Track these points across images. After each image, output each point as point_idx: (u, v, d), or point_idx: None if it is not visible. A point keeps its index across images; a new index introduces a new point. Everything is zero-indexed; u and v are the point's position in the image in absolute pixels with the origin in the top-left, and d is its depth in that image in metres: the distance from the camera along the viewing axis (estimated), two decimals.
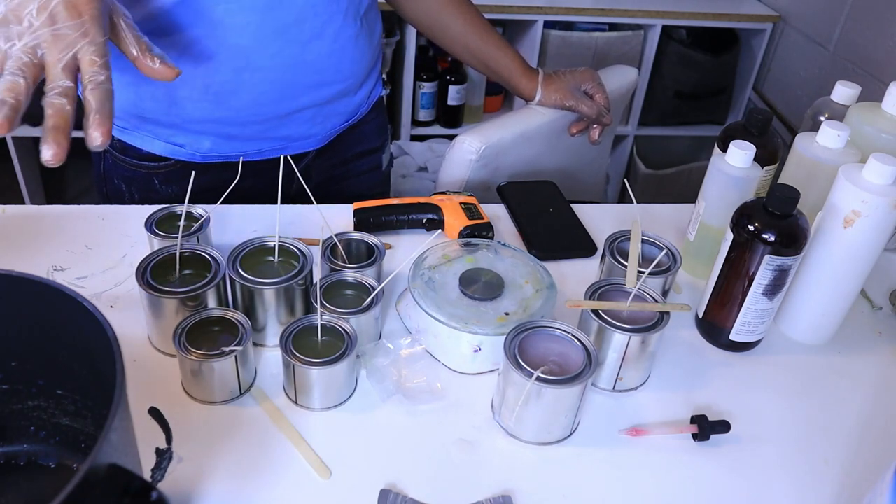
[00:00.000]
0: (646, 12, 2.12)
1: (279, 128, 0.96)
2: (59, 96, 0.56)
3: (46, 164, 0.55)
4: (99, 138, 0.57)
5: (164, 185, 0.99)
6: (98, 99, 0.57)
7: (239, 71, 0.87)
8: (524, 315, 0.73)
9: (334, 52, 0.93)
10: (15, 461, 0.58)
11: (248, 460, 0.63)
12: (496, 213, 0.99)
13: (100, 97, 0.57)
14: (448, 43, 1.16)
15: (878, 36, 1.78)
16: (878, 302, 0.89)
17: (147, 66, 0.63)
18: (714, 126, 2.39)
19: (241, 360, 0.66)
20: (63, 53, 0.57)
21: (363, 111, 1.08)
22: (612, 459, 0.66)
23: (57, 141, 0.55)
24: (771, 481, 0.66)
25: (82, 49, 0.58)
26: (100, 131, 0.56)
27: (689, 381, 0.75)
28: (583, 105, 1.16)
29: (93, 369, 0.48)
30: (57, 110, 0.55)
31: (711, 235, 0.85)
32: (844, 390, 0.76)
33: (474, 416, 0.69)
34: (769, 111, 1.10)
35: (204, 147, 0.96)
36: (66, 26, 0.58)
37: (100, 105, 0.57)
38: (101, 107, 0.57)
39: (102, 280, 0.81)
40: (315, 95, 0.95)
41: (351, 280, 0.75)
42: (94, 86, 0.57)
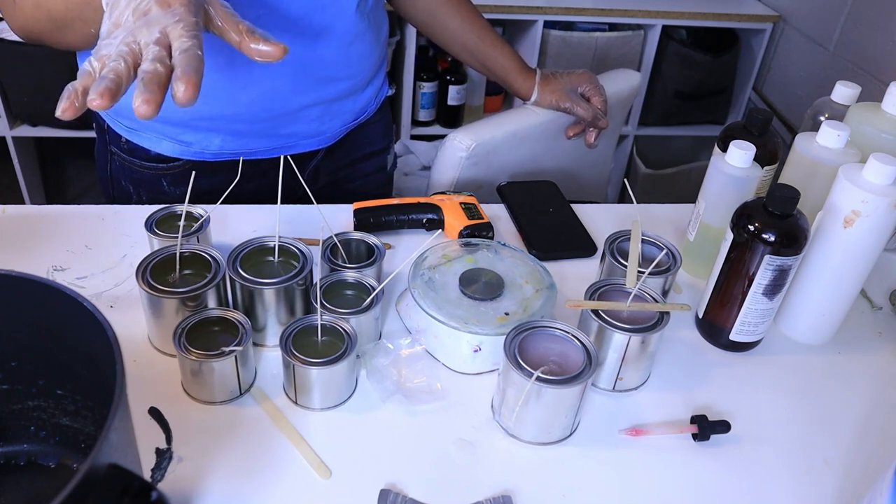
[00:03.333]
0: (646, 12, 2.12)
1: (288, 125, 0.97)
2: (151, 62, 0.56)
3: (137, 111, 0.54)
4: (182, 88, 0.55)
5: (172, 187, 0.99)
6: (184, 59, 0.56)
7: (247, 67, 0.87)
8: (524, 315, 0.73)
9: (342, 47, 0.93)
10: (15, 461, 0.58)
11: (248, 460, 0.63)
12: (496, 213, 0.99)
13: (186, 58, 0.56)
14: (446, 41, 1.17)
15: (878, 36, 1.78)
16: (878, 302, 0.89)
17: (251, 48, 0.62)
18: (714, 126, 2.39)
19: (241, 360, 0.66)
20: (153, 32, 0.58)
21: (371, 110, 1.08)
22: (612, 459, 0.66)
23: (150, 90, 0.54)
24: (771, 481, 0.66)
25: (171, 26, 0.58)
26: (183, 82, 0.55)
27: (689, 381, 0.75)
28: (578, 108, 1.16)
29: (93, 369, 0.48)
30: (148, 70, 0.55)
31: (711, 235, 0.85)
32: (844, 390, 0.76)
33: (474, 416, 0.69)
34: (769, 111, 1.10)
35: (213, 145, 0.96)
36: (157, 15, 0.58)
37: (185, 63, 0.56)
38: (187, 65, 0.56)
39: (102, 280, 0.81)
40: (323, 92, 0.96)
41: (351, 280, 0.75)
42: (180, 52, 0.57)
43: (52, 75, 1.89)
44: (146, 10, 0.59)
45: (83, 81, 0.56)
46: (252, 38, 0.61)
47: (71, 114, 0.55)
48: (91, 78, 0.56)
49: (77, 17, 0.70)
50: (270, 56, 0.62)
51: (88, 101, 0.54)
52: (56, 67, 1.85)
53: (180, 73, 0.55)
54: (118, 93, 0.54)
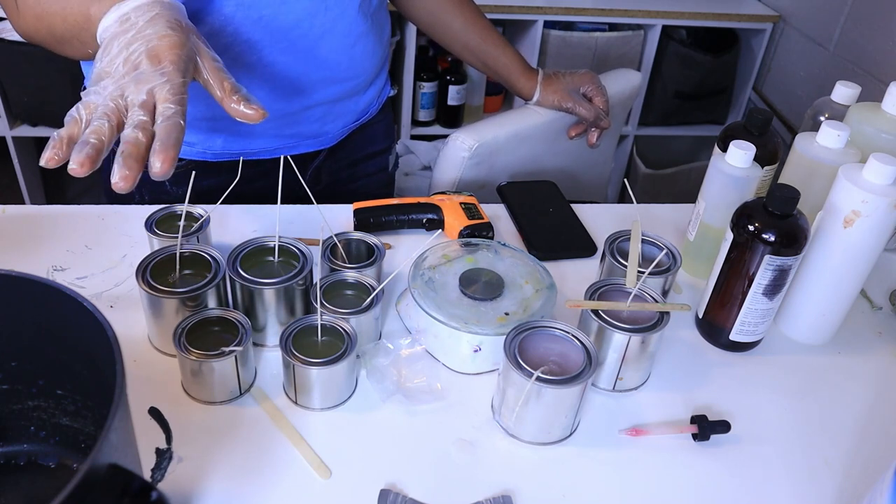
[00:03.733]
0: (646, 12, 2.12)
1: (291, 125, 0.97)
2: (133, 129, 0.57)
3: (114, 186, 0.56)
4: (157, 164, 0.57)
5: (174, 187, 0.99)
6: (164, 129, 0.58)
7: (251, 67, 0.87)
8: (524, 315, 0.73)
9: (345, 48, 0.93)
10: (15, 461, 0.58)
11: (248, 460, 0.63)
12: (496, 213, 0.99)
13: (166, 128, 0.58)
14: (448, 41, 1.17)
15: (878, 36, 1.78)
16: (878, 302, 0.89)
17: (232, 108, 0.64)
18: (714, 126, 2.39)
19: (241, 360, 0.66)
20: (140, 91, 0.59)
21: (373, 110, 1.08)
22: (612, 459, 0.66)
23: (128, 165, 0.56)
24: (771, 481, 0.66)
25: (158, 87, 0.59)
26: (159, 158, 0.57)
27: (689, 381, 0.75)
28: (581, 108, 1.16)
29: (93, 369, 0.48)
30: (129, 140, 0.57)
31: (711, 235, 0.85)
32: (844, 390, 0.76)
33: (474, 416, 0.69)
34: (769, 111, 1.10)
35: (216, 145, 0.96)
36: (147, 72, 0.60)
37: (165, 135, 0.58)
38: (167, 137, 0.58)
39: (102, 280, 0.81)
40: (326, 92, 0.96)
41: (351, 280, 0.75)
42: (163, 119, 0.58)
43: (52, 75, 1.89)
44: (137, 63, 0.60)
45: (69, 130, 0.57)
46: (233, 99, 0.64)
47: (54, 164, 0.57)
48: (77, 126, 0.58)
49: (75, 36, 0.71)
50: (249, 119, 0.64)
51: (69, 169, 0.56)
52: (56, 67, 1.85)
53: (158, 147, 0.57)
54: (98, 159, 0.56)
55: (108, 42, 0.63)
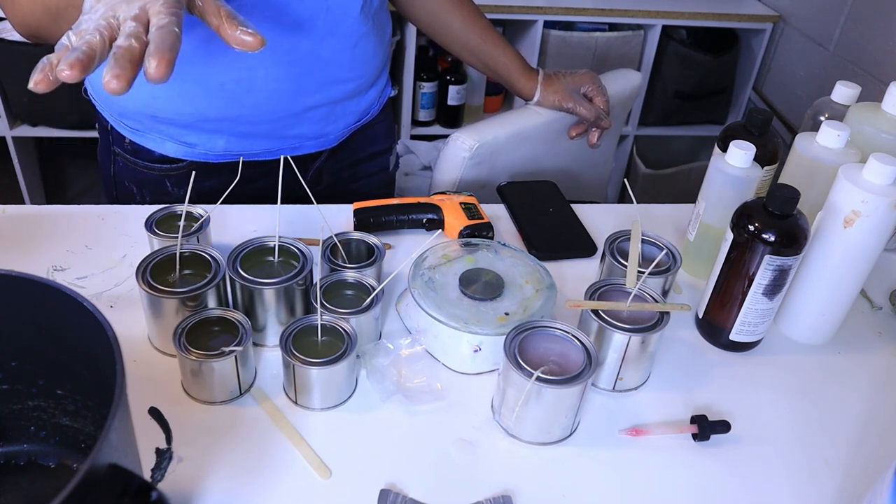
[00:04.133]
0: (646, 12, 2.12)
1: (292, 126, 0.97)
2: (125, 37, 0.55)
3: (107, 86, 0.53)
4: (153, 64, 0.53)
5: (176, 188, 0.99)
6: (159, 35, 0.55)
7: (253, 68, 0.87)
8: (524, 315, 0.73)
9: (347, 49, 0.93)
10: (15, 461, 0.58)
11: (248, 460, 0.63)
12: (496, 213, 0.99)
13: (161, 34, 0.55)
14: (448, 41, 1.17)
15: (878, 36, 1.78)
16: (878, 302, 0.89)
17: (229, 34, 0.60)
18: (714, 126, 2.39)
19: (241, 360, 0.66)
20: (132, 8, 0.57)
21: (374, 111, 1.08)
22: (612, 459, 0.66)
23: (120, 65, 0.53)
24: (771, 481, 0.66)
25: (151, 2, 0.57)
26: (155, 58, 0.53)
27: (689, 381, 0.75)
28: (581, 108, 1.16)
29: (93, 369, 0.48)
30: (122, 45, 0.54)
31: (711, 235, 0.85)
32: (844, 390, 0.76)
33: (474, 416, 0.69)
34: (769, 111, 1.10)
35: (218, 147, 0.96)
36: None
37: (160, 40, 0.55)
38: (161, 41, 0.55)
39: (102, 280, 0.81)
40: (328, 93, 0.96)
41: (351, 280, 0.75)
42: (156, 28, 0.56)
43: None
44: None
45: (59, 54, 0.55)
46: (231, 25, 0.60)
47: (44, 86, 0.54)
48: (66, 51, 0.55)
49: (69, 3, 0.70)
50: (248, 46, 0.60)
51: (58, 72, 0.52)
52: None
53: (153, 49, 0.54)
54: (90, 65, 0.53)
55: None
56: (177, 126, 0.93)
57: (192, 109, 0.90)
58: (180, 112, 0.91)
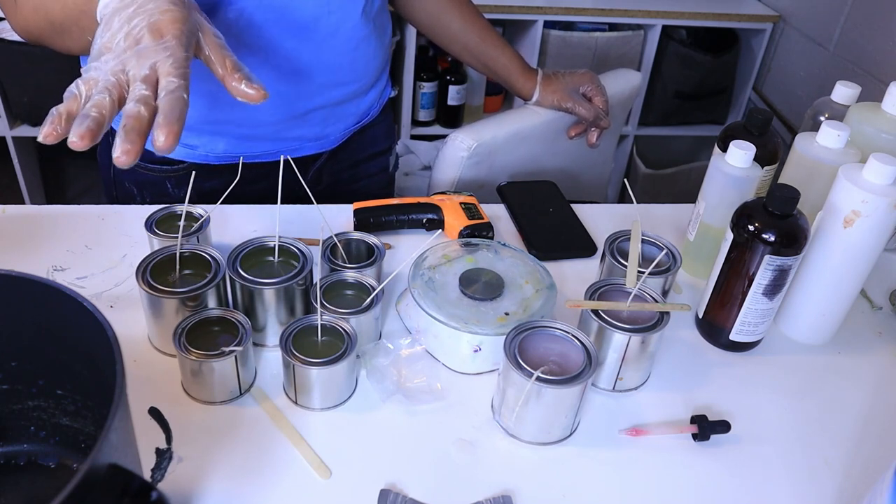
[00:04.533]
0: (646, 12, 2.12)
1: (293, 128, 0.96)
2: (135, 103, 0.56)
3: (116, 161, 0.55)
4: (161, 138, 0.55)
5: (176, 189, 0.99)
6: (168, 103, 0.56)
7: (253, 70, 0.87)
8: (524, 315, 0.73)
9: (348, 51, 0.93)
10: (15, 461, 0.58)
11: (248, 460, 0.63)
12: (496, 213, 0.99)
13: (169, 102, 0.57)
14: (447, 42, 1.17)
15: (878, 36, 1.78)
16: (878, 302, 0.89)
17: (233, 86, 0.63)
18: (714, 126, 2.39)
19: (241, 360, 0.66)
20: (143, 66, 0.58)
21: (374, 112, 1.08)
22: (612, 459, 0.66)
23: (129, 139, 0.55)
24: (771, 481, 0.66)
25: (161, 61, 0.58)
26: (163, 132, 0.55)
27: (689, 381, 0.75)
28: (580, 107, 1.16)
29: (93, 369, 0.48)
30: (131, 114, 0.55)
31: (711, 235, 0.85)
32: (844, 390, 0.76)
33: (474, 416, 0.69)
34: (769, 111, 1.10)
35: (218, 148, 0.95)
36: (149, 46, 0.58)
37: (168, 109, 0.56)
38: (170, 111, 0.56)
39: (102, 280, 0.81)
40: (329, 95, 0.96)
41: (351, 280, 0.75)
42: (165, 93, 0.57)
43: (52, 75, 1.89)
44: (138, 37, 0.59)
45: (68, 105, 0.56)
46: (235, 78, 0.62)
47: (53, 139, 0.55)
48: (76, 102, 0.56)
49: (74, 23, 0.70)
50: (250, 98, 0.62)
51: (69, 142, 0.54)
52: (56, 67, 1.85)
53: (162, 121, 0.56)
54: (99, 133, 0.55)
55: (109, 18, 0.61)
56: None
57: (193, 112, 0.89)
58: None
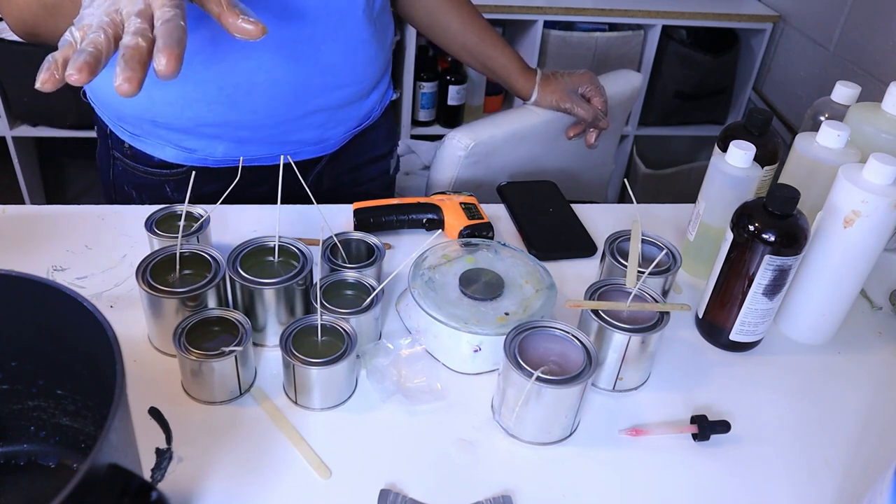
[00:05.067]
0: (646, 12, 2.12)
1: (293, 132, 0.96)
2: (132, 35, 0.55)
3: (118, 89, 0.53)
4: (163, 61, 0.54)
5: (176, 193, 0.99)
6: (165, 30, 0.55)
7: (252, 73, 0.87)
8: (524, 315, 0.73)
9: (347, 53, 0.92)
10: (15, 461, 0.58)
11: (248, 460, 0.63)
12: (496, 213, 0.99)
13: (167, 29, 0.55)
14: (446, 42, 1.17)
15: (878, 36, 1.78)
16: (878, 302, 0.89)
17: (230, 22, 0.60)
18: (714, 126, 2.39)
19: (241, 360, 0.66)
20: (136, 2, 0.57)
21: (375, 115, 1.07)
22: (612, 459, 0.66)
23: (130, 66, 0.53)
24: (771, 481, 0.66)
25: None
26: (164, 55, 0.54)
27: (689, 381, 0.75)
28: (579, 108, 1.16)
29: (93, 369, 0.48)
30: (129, 45, 0.54)
31: (711, 235, 0.85)
32: (844, 390, 0.76)
33: (474, 416, 0.69)
34: (769, 111, 1.10)
35: (217, 152, 0.95)
36: None
37: (167, 35, 0.55)
38: (168, 36, 0.55)
39: (102, 280, 0.81)
40: (328, 98, 0.95)
41: (351, 280, 0.75)
42: (161, 22, 0.56)
43: None
44: None
45: (64, 52, 0.55)
46: (232, 13, 0.60)
47: (51, 85, 0.54)
48: (72, 48, 0.55)
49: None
50: (249, 34, 0.60)
51: (67, 76, 0.52)
52: None
53: (161, 45, 0.54)
54: (97, 67, 0.53)
55: None
56: (176, 131, 0.93)
57: (191, 114, 0.90)
58: (179, 117, 0.90)
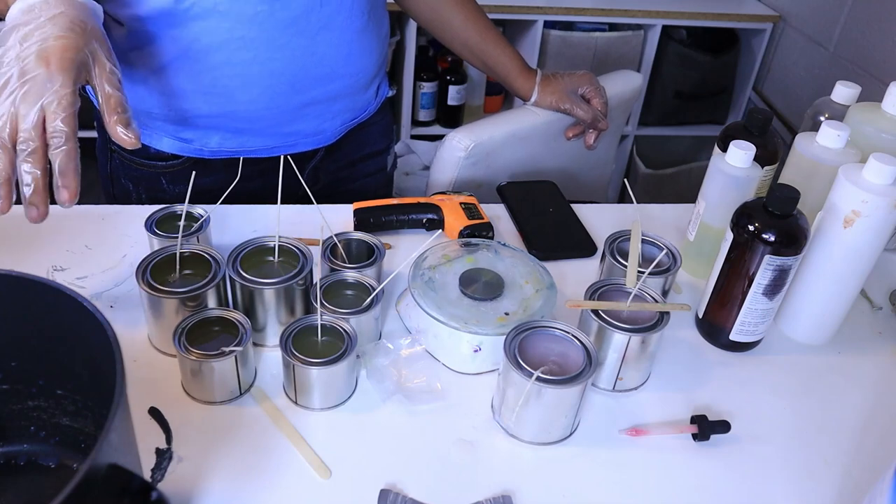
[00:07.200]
0: (646, 12, 2.12)
1: (288, 123, 0.96)
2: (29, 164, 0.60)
3: (30, 220, 0.61)
4: (64, 196, 0.61)
5: (171, 185, 0.99)
6: (60, 161, 0.60)
7: (247, 64, 0.87)
8: (524, 315, 0.73)
9: (342, 44, 0.93)
10: (15, 461, 0.58)
11: (248, 460, 0.63)
12: (496, 213, 0.99)
13: (61, 159, 0.60)
14: (448, 38, 1.17)
15: (878, 36, 1.78)
16: (878, 302, 0.89)
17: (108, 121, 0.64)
18: (714, 126, 2.39)
19: (241, 360, 0.66)
20: (29, 109, 0.60)
21: (371, 110, 1.08)
22: (612, 459, 0.66)
23: (35, 204, 0.60)
24: (771, 481, 0.66)
25: (47, 104, 0.60)
26: (65, 194, 0.61)
27: (689, 381, 0.75)
28: (578, 109, 1.16)
29: (93, 369, 0.48)
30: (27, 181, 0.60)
31: (711, 235, 0.85)
32: (844, 390, 0.76)
33: (474, 416, 0.69)
34: (769, 111, 1.10)
35: (212, 142, 0.96)
36: (33, 77, 0.60)
37: (63, 167, 0.60)
38: (65, 168, 0.60)
39: (102, 280, 0.81)
40: (324, 90, 0.95)
41: (351, 280, 0.75)
42: (54, 147, 0.60)
43: None
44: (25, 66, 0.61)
45: None
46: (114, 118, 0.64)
47: None
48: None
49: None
50: (121, 142, 0.65)
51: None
52: None
53: (61, 182, 0.61)
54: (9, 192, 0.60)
55: (9, 30, 0.63)
56: (171, 122, 0.93)
57: (187, 105, 0.91)
58: (175, 108, 0.91)
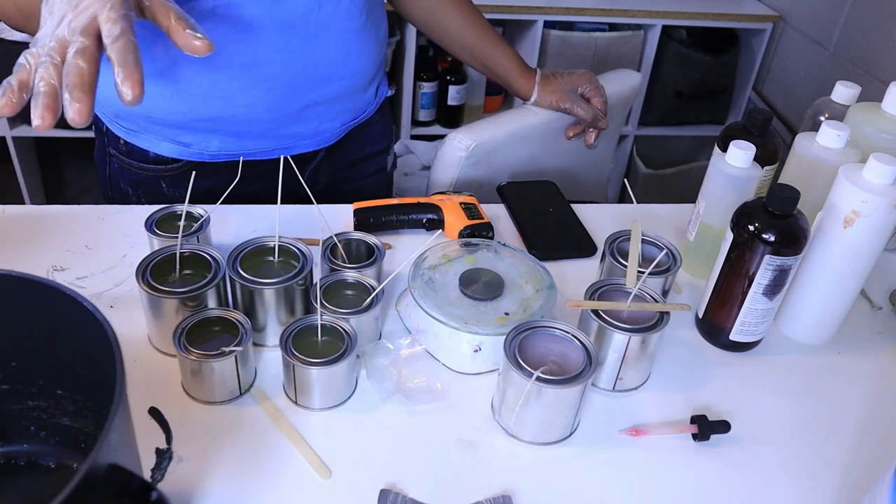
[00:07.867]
0: (646, 12, 2.12)
1: (288, 125, 0.96)
2: (76, 56, 0.54)
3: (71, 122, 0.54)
4: (129, 93, 0.54)
5: (171, 189, 0.99)
6: (118, 52, 0.55)
7: (246, 66, 0.87)
8: (524, 315, 0.73)
9: (341, 45, 0.93)
10: (15, 461, 0.58)
11: (248, 460, 0.63)
12: (496, 213, 0.99)
13: (119, 50, 0.55)
14: (446, 41, 1.17)
15: (878, 36, 1.78)
16: (878, 302, 0.89)
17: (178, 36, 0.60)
18: (714, 126, 2.39)
19: (241, 360, 0.66)
20: (81, 18, 0.56)
21: (371, 110, 1.08)
22: (612, 459, 0.66)
23: (76, 98, 0.53)
24: (771, 481, 0.66)
25: (99, 9, 0.56)
26: (127, 85, 0.54)
27: (689, 381, 0.75)
28: (578, 108, 1.16)
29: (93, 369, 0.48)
30: (73, 70, 0.54)
31: (711, 235, 0.85)
32: (844, 390, 0.76)
33: (474, 416, 0.69)
34: (769, 111, 1.10)
35: (212, 146, 0.95)
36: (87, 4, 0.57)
37: (122, 59, 0.55)
38: (124, 60, 0.55)
39: (102, 280, 0.81)
40: (323, 91, 0.95)
41: (351, 280, 0.75)
42: (111, 41, 0.55)
43: None
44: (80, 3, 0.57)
45: (19, 76, 0.55)
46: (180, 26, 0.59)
47: (9, 111, 0.54)
48: (26, 72, 0.55)
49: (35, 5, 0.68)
50: (197, 50, 0.60)
51: (34, 125, 0.53)
52: None
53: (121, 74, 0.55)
54: (56, 105, 0.54)
55: None
56: (171, 126, 0.93)
57: (186, 109, 0.90)
58: (173, 112, 0.91)
